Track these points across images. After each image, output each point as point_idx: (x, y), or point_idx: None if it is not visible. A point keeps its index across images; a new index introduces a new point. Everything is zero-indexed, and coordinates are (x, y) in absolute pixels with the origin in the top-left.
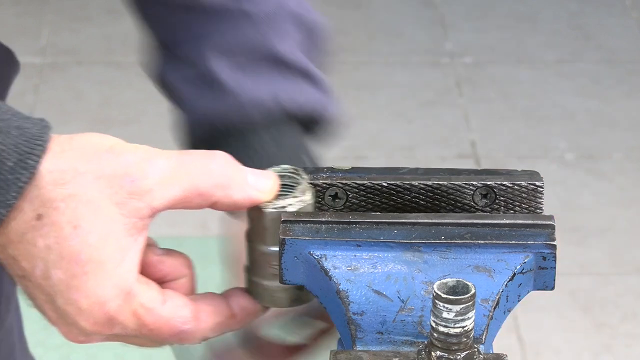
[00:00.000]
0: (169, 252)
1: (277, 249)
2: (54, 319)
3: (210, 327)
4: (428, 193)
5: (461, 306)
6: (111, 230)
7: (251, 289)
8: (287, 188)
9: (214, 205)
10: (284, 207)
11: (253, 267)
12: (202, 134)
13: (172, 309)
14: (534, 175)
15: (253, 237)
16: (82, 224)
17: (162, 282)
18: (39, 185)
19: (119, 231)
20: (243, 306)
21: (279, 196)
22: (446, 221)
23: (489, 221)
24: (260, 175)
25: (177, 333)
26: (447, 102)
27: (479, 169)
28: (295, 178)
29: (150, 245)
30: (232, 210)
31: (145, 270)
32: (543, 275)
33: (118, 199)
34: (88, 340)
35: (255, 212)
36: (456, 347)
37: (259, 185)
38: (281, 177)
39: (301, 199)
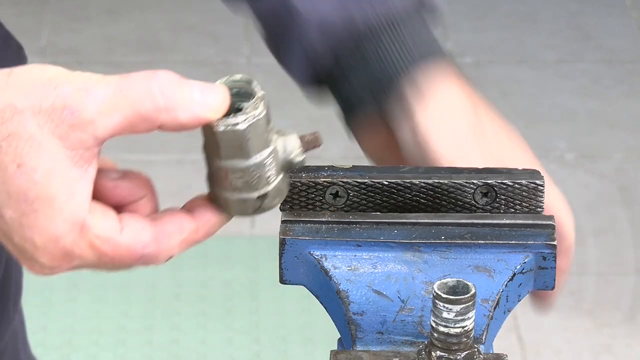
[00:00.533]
0: (125, 174)
1: (232, 162)
2: (16, 255)
3: (174, 245)
4: (429, 191)
5: (461, 306)
6: (56, 165)
7: (214, 199)
8: (241, 99)
9: (161, 128)
10: (235, 124)
11: (212, 180)
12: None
13: (130, 235)
14: (534, 173)
15: (209, 151)
16: (25, 162)
17: (120, 205)
18: None
19: (64, 165)
20: (207, 219)
21: (232, 110)
22: (446, 221)
23: (489, 221)
24: (208, 90)
25: (139, 257)
26: None
27: (479, 167)
28: (248, 88)
29: (104, 170)
30: (179, 131)
31: (100, 197)
32: (543, 275)
33: (60, 132)
34: (52, 273)
35: (207, 129)
36: (456, 347)
37: (206, 102)
38: (232, 89)
39: (252, 114)
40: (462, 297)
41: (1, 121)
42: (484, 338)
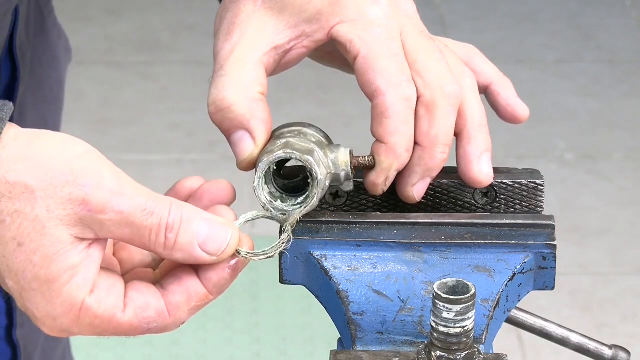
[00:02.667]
0: None
1: None
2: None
3: (183, 314)
4: (429, 191)
5: (461, 306)
6: (58, 250)
7: None
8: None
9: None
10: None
11: None
12: None
13: (134, 313)
14: (534, 173)
15: None
16: (26, 242)
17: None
18: None
19: (67, 250)
20: (217, 279)
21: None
22: (446, 221)
23: (489, 221)
24: (213, 235)
25: (145, 332)
26: None
27: None
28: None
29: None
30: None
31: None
32: (543, 275)
33: (68, 220)
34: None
35: None
36: (456, 347)
37: (208, 247)
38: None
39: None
40: (462, 297)
41: (10, 196)
42: (484, 338)
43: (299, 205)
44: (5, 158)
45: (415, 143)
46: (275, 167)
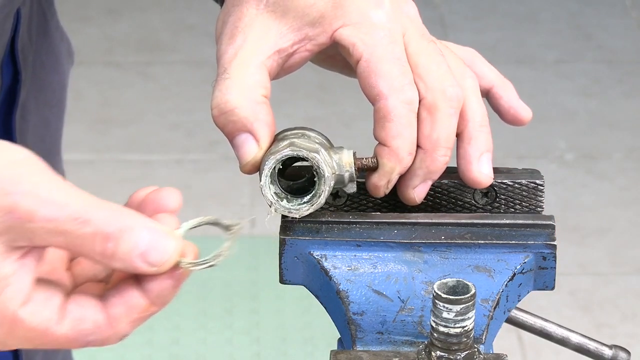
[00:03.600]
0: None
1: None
2: None
3: (124, 327)
4: (429, 191)
5: (461, 306)
6: None
7: None
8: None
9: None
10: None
11: None
12: None
13: (70, 326)
14: (534, 173)
15: None
16: None
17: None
18: None
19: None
20: (160, 289)
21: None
22: (446, 221)
23: (489, 221)
24: (155, 246)
25: (84, 344)
26: None
27: None
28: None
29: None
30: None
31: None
32: (543, 275)
33: None
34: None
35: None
36: (456, 347)
37: (148, 258)
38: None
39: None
40: (462, 297)
41: None
42: (484, 338)
43: (305, 204)
44: None
45: (417, 146)
46: (280, 167)
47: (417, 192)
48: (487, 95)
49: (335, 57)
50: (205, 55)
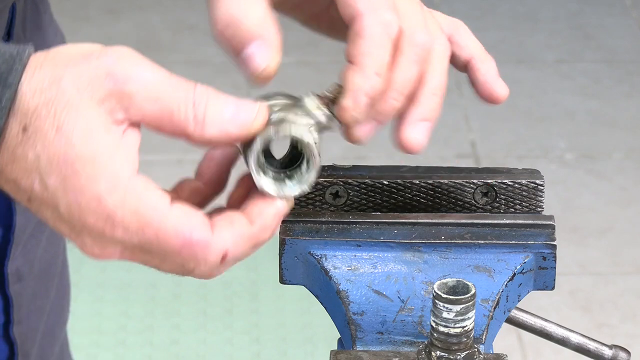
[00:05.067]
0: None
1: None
2: (67, 233)
3: (227, 239)
4: (429, 191)
5: (461, 306)
6: (93, 126)
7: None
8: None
9: (187, 139)
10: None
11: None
12: None
13: (179, 213)
14: (534, 173)
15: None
16: (63, 125)
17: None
18: (20, 99)
19: (102, 126)
20: (258, 209)
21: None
22: (446, 221)
23: (489, 221)
24: (242, 108)
25: (187, 244)
26: (447, 102)
27: (479, 167)
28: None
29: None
30: (204, 147)
31: None
32: (543, 275)
33: (99, 96)
34: (103, 253)
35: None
36: (456, 347)
37: (239, 119)
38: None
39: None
40: (462, 297)
41: (40, 91)
42: (484, 338)
43: (307, 170)
44: (30, 62)
45: None
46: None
47: (361, 131)
48: (465, 66)
49: (320, 16)
50: (205, 55)
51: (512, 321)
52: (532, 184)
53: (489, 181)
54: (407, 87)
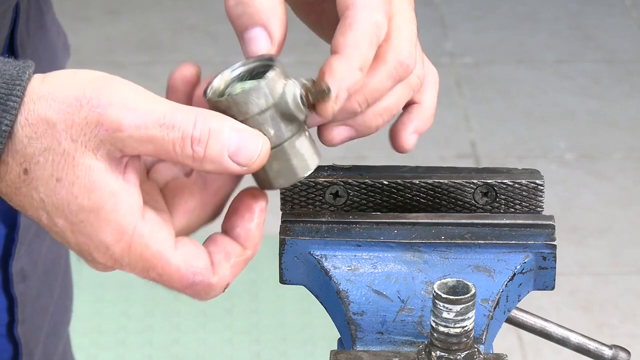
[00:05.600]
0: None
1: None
2: (77, 255)
3: (226, 273)
4: (429, 191)
5: (461, 306)
6: (93, 178)
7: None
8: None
9: (184, 168)
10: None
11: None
12: None
13: (183, 257)
14: (534, 173)
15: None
16: (62, 177)
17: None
18: (16, 140)
19: (102, 175)
20: (248, 235)
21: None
22: (446, 221)
23: (489, 221)
24: (244, 143)
25: (190, 284)
26: (447, 102)
27: (479, 167)
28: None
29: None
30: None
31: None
32: (543, 275)
33: (92, 145)
34: (111, 270)
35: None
36: (456, 347)
37: (240, 157)
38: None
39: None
40: (462, 297)
41: (36, 136)
42: (483, 338)
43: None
44: (25, 101)
45: None
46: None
47: (335, 133)
48: (406, 107)
49: (313, 5)
50: (205, 55)
51: (512, 321)
52: (532, 184)
53: (489, 181)
54: (375, 98)
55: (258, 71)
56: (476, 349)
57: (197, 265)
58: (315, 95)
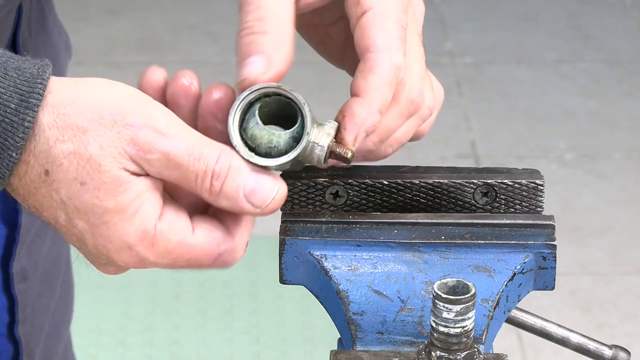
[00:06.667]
0: None
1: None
2: (89, 259)
3: (247, 235)
4: (429, 191)
5: (461, 306)
6: (119, 184)
7: None
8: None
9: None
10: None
11: None
12: None
13: (203, 235)
14: (534, 173)
15: None
16: (87, 180)
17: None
18: (41, 141)
19: (128, 182)
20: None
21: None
22: (446, 221)
23: (489, 221)
24: (260, 188)
25: (217, 256)
26: (447, 102)
27: (479, 167)
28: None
29: None
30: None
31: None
32: (543, 275)
33: (120, 158)
34: (123, 272)
35: None
36: (456, 347)
37: (253, 199)
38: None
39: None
40: (462, 297)
41: (62, 139)
42: (483, 338)
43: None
44: (54, 102)
45: None
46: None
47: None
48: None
49: (318, 29)
50: (205, 55)
51: (512, 321)
52: (532, 184)
53: (489, 181)
54: (387, 136)
55: (274, 93)
56: (476, 349)
57: (217, 237)
58: (337, 158)
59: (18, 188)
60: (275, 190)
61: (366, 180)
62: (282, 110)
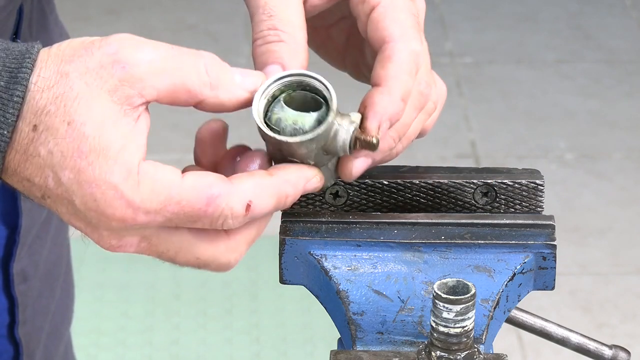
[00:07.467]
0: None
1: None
2: (82, 228)
3: (248, 188)
4: (429, 191)
5: (461, 306)
6: (106, 117)
7: None
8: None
9: (199, 105)
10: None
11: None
12: None
13: (193, 178)
14: (534, 173)
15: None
16: (75, 118)
17: None
18: (29, 100)
19: (115, 117)
20: (284, 166)
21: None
22: (446, 221)
23: (489, 221)
24: (248, 74)
25: (209, 200)
26: (447, 102)
27: (479, 167)
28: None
29: None
30: (216, 111)
31: None
32: (543, 275)
33: (109, 86)
34: (120, 244)
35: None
36: (456, 347)
37: (246, 84)
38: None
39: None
40: (462, 297)
41: (47, 88)
42: (483, 338)
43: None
44: (38, 59)
45: None
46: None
47: (355, 166)
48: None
49: (319, 29)
50: None
51: (512, 321)
52: (532, 184)
53: (489, 181)
54: (404, 131)
55: (299, 83)
56: (476, 349)
57: (211, 179)
58: (363, 144)
59: (10, 163)
60: (259, 74)
61: (366, 180)
62: (306, 105)
